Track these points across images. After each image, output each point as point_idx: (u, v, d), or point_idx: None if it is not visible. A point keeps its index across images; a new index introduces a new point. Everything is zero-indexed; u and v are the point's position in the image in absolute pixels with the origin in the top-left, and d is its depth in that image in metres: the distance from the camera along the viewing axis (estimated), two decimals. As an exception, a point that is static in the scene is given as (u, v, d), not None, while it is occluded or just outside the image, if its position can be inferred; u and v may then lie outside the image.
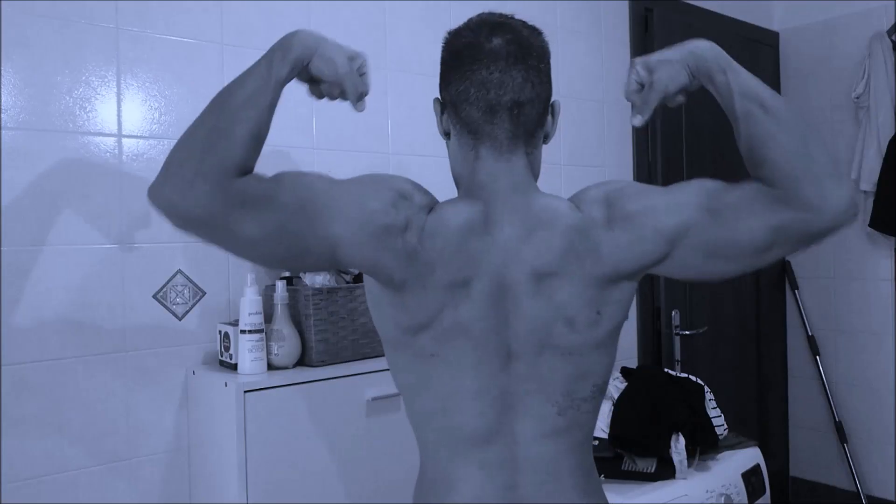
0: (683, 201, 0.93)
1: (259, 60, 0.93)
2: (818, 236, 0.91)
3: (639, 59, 1.00)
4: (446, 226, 0.91)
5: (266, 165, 1.75)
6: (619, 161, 2.74)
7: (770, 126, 0.90)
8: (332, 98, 1.01)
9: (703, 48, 0.96)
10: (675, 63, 0.97)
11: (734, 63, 0.94)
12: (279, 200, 0.86)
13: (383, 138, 2.10)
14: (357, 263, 0.91)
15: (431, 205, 0.94)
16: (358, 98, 0.99)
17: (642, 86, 1.00)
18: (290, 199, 0.87)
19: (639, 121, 1.01)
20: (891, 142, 2.82)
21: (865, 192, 2.95)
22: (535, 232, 0.92)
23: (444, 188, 2.29)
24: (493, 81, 0.93)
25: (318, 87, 1.00)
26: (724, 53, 0.95)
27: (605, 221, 0.93)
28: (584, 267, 0.92)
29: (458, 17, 1.03)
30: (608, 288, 0.93)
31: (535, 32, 0.98)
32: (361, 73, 0.99)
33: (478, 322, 0.91)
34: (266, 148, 1.99)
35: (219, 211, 0.84)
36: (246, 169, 0.87)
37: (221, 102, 0.90)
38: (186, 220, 0.85)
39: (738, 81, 0.92)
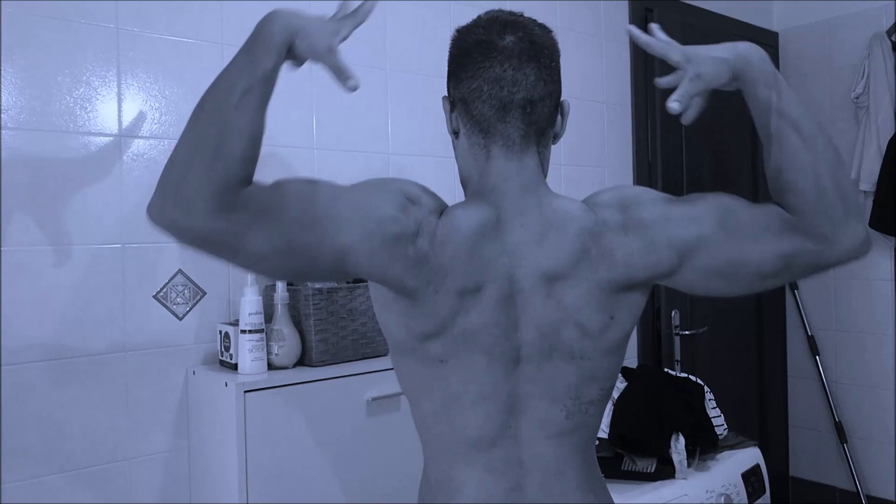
0: (699, 214, 0.92)
1: (238, 55, 0.86)
2: (826, 268, 0.92)
3: (682, 48, 0.94)
4: (458, 230, 0.89)
5: (266, 165, 1.74)
6: (619, 161, 2.74)
7: (802, 153, 0.88)
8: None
9: (752, 55, 0.92)
10: (721, 62, 0.92)
11: (781, 78, 0.91)
12: (285, 214, 0.83)
13: (383, 138, 2.10)
14: (367, 272, 0.89)
15: (441, 208, 0.92)
16: (347, 77, 0.88)
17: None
18: (296, 211, 0.84)
19: (678, 107, 0.92)
20: (891, 142, 2.83)
21: (865, 191, 2.95)
22: (547, 234, 0.91)
23: (444, 188, 2.31)
24: (507, 79, 0.91)
25: (300, 62, 0.94)
26: (773, 66, 0.92)
27: (619, 226, 0.92)
28: (596, 271, 0.91)
29: (459, 17, 1.03)
30: (620, 294, 0.92)
31: (546, 31, 0.97)
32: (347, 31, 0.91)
33: (488, 328, 0.90)
34: (266, 148, 1.99)
35: (224, 228, 0.81)
36: (247, 179, 0.84)
37: (210, 112, 0.84)
38: (191, 238, 0.83)
39: (780, 100, 0.90)
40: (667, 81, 0.96)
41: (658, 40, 0.97)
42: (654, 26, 0.99)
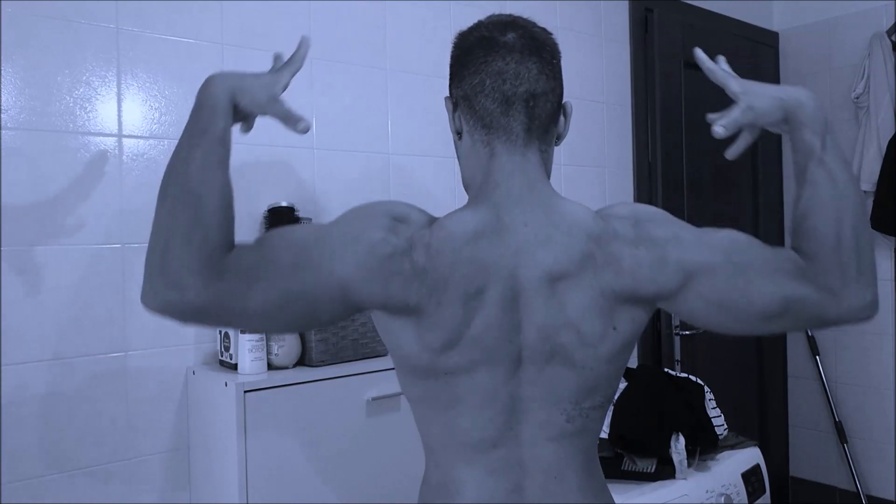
0: (711, 243, 0.92)
1: (187, 127, 0.89)
2: (828, 323, 0.92)
3: (741, 80, 0.98)
4: (453, 237, 0.89)
5: (267, 166, 1.75)
6: (619, 161, 2.74)
7: (830, 202, 0.90)
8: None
9: (807, 99, 0.95)
10: (776, 100, 0.96)
11: (829, 129, 0.93)
12: (276, 264, 0.84)
13: (383, 138, 2.10)
14: (370, 300, 0.89)
15: (431, 221, 0.92)
16: (296, 121, 0.94)
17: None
18: (287, 258, 0.85)
19: (723, 132, 0.97)
20: (891, 142, 2.83)
21: (865, 192, 2.95)
22: (553, 235, 0.90)
23: (444, 188, 2.29)
24: (510, 72, 0.92)
25: (250, 122, 0.99)
26: (825, 115, 0.95)
27: (629, 238, 0.91)
28: (601, 277, 0.90)
29: (459, 17, 1.03)
30: (623, 305, 0.92)
31: (547, 32, 0.98)
32: (285, 86, 0.97)
33: (492, 329, 0.89)
34: (266, 148, 1.99)
35: (219, 294, 0.82)
36: (229, 243, 0.85)
37: (175, 187, 0.85)
38: (191, 314, 0.83)
39: (824, 148, 0.92)
40: (718, 117, 0.99)
41: (721, 69, 1.01)
42: (720, 57, 1.04)
